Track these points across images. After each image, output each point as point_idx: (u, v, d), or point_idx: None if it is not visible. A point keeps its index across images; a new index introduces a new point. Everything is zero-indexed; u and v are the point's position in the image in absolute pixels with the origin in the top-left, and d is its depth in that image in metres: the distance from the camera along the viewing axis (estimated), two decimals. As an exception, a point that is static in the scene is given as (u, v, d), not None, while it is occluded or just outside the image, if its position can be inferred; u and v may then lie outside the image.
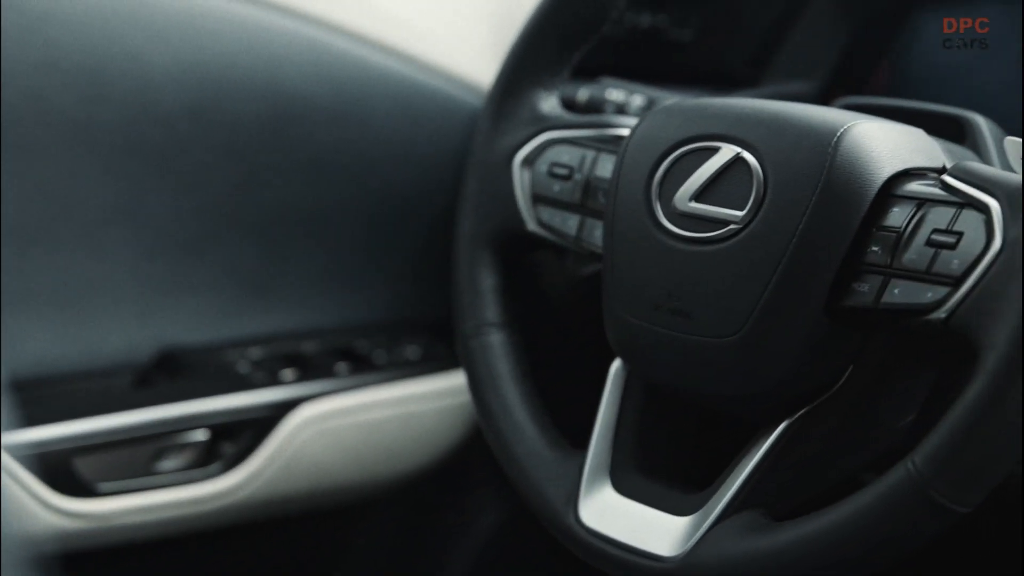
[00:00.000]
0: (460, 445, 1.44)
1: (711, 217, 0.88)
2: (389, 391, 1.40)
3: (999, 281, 0.75)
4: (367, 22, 1.38)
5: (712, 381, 0.90)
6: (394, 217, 1.41)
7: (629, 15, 1.39)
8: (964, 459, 0.74)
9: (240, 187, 1.33)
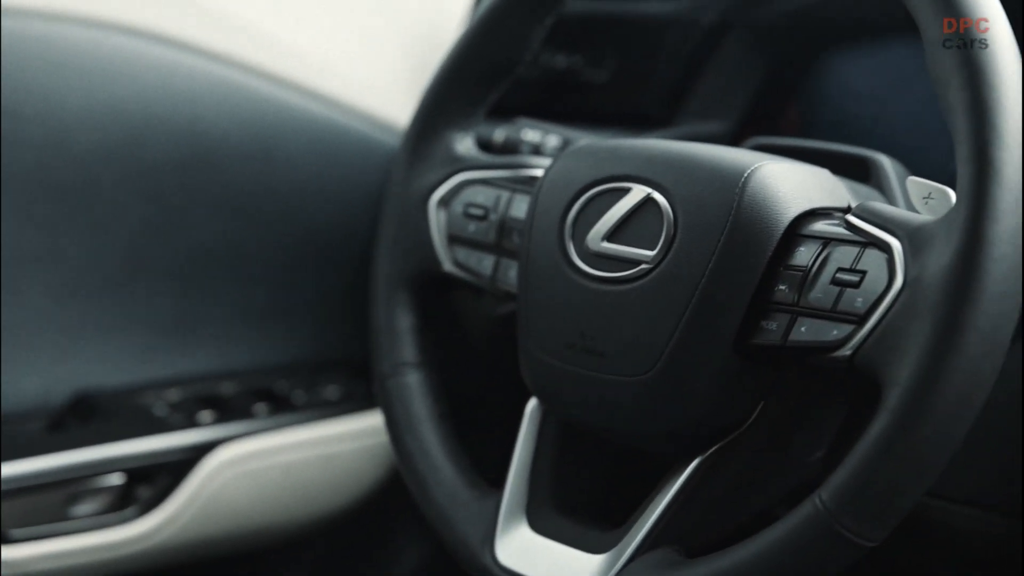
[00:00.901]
0: (380, 485, 1.44)
1: (623, 257, 0.90)
2: (308, 432, 1.39)
3: (901, 319, 0.77)
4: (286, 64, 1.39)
5: (625, 419, 0.90)
6: (313, 257, 1.41)
7: (545, 56, 1.41)
8: (869, 494, 0.75)
9: (156, 228, 1.33)
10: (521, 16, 1.05)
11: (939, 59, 0.77)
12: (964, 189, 0.74)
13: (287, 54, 1.40)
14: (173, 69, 1.31)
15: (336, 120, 1.39)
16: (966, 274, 0.73)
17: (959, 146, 0.76)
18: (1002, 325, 0.74)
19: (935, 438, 0.74)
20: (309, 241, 1.40)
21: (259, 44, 1.37)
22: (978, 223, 0.73)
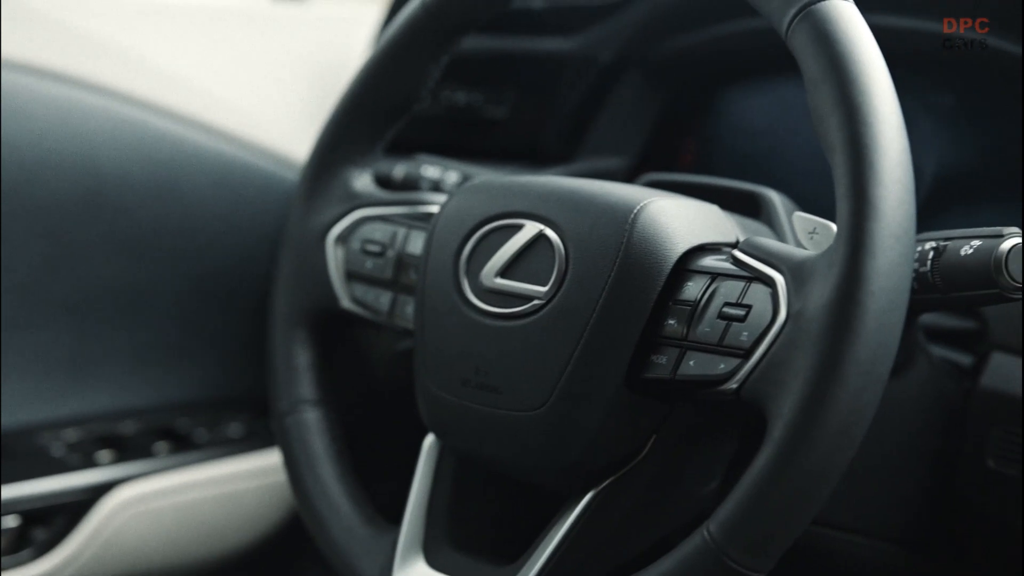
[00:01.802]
0: (283, 523, 1.43)
1: (516, 293, 0.90)
2: (210, 470, 1.38)
3: (784, 352, 0.78)
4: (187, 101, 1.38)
5: (520, 454, 0.91)
6: (214, 294, 1.40)
7: (445, 93, 1.42)
8: (754, 526, 0.77)
9: (54, 266, 1.31)
10: (417, 54, 1.05)
11: (818, 97, 0.79)
12: (843, 225, 0.76)
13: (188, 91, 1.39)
14: (70, 106, 1.30)
15: (238, 156, 1.39)
16: (846, 308, 0.74)
17: (838, 183, 0.77)
18: (881, 358, 0.75)
19: (818, 469, 0.75)
20: (211, 278, 1.39)
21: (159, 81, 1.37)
22: (856, 258, 0.75)
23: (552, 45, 1.37)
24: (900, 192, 0.76)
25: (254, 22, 1.53)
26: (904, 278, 0.76)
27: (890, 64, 0.80)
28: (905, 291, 0.76)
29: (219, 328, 1.42)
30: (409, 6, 1.06)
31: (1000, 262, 0.83)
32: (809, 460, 0.75)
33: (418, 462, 1.00)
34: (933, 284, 0.87)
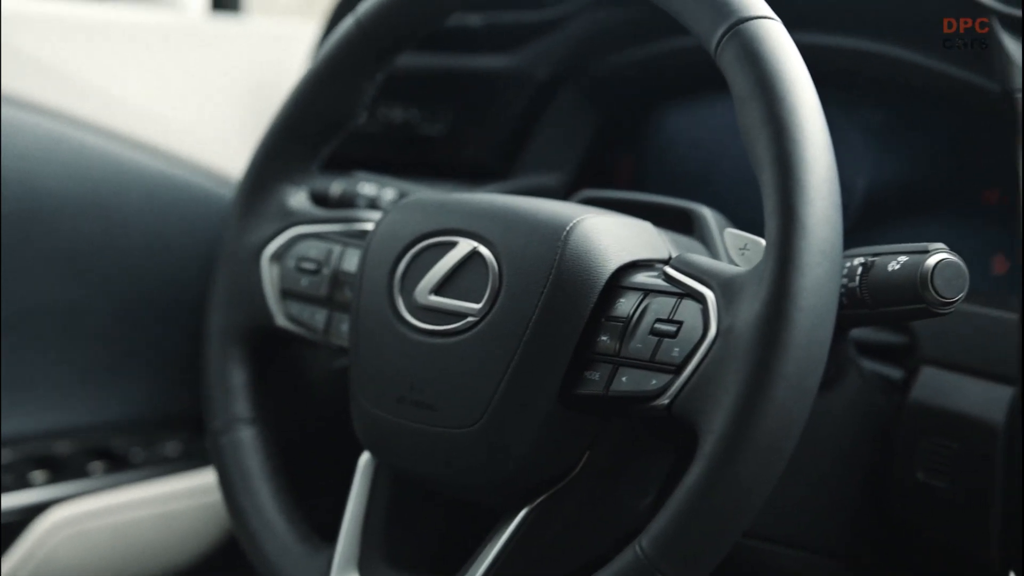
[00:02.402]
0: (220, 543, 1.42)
1: (450, 310, 0.91)
2: (146, 490, 1.37)
3: (714, 368, 0.79)
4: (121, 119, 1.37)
5: (454, 470, 0.91)
6: (150, 311, 1.39)
7: (382, 110, 1.42)
8: (686, 540, 0.77)
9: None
10: (352, 72, 1.06)
11: (747, 115, 0.80)
12: (771, 242, 0.77)
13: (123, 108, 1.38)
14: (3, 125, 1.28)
15: (173, 174, 1.38)
16: (774, 324, 0.75)
17: (767, 200, 0.78)
18: (810, 372, 0.76)
19: (747, 483, 0.76)
20: (146, 295, 1.38)
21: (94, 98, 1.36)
22: (784, 275, 0.76)
23: (489, 62, 1.37)
24: (827, 209, 0.77)
25: (190, 38, 1.53)
26: (831, 294, 0.77)
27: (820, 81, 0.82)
28: (832, 307, 0.77)
29: (156, 346, 1.41)
30: (344, 24, 1.06)
31: (926, 278, 0.84)
32: (739, 474, 0.75)
33: (353, 480, 1.00)
34: (862, 299, 0.89)
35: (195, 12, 1.68)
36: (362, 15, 1.04)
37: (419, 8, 1.02)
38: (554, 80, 1.35)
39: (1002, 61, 0.99)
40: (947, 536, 1.00)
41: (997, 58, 0.99)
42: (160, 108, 1.42)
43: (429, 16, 1.03)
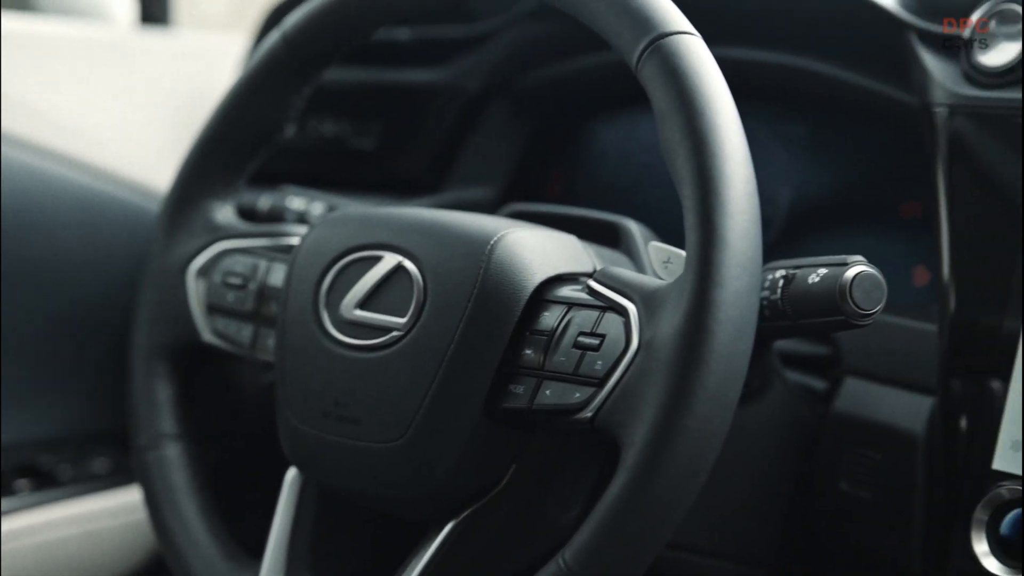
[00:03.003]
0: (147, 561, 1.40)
1: (375, 324, 0.91)
2: (73, 508, 1.35)
3: (636, 381, 0.79)
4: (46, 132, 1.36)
5: (380, 485, 0.91)
6: (76, 327, 1.37)
7: (312, 124, 1.42)
8: (608, 553, 0.77)
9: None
10: (277, 86, 1.05)
11: (667, 130, 0.81)
12: (692, 255, 0.78)
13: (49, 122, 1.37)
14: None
15: (100, 188, 1.37)
16: (694, 337, 0.76)
17: (687, 214, 0.79)
18: (730, 385, 0.77)
19: (669, 495, 0.76)
20: (73, 310, 1.36)
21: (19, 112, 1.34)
22: (704, 288, 0.76)
23: (418, 76, 1.37)
24: (746, 223, 0.78)
25: (118, 52, 1.51)
26: (751, 306, 0.77)
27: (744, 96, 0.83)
28: (752, 319, 0.78)
29: (83, 362, 1.39)
30: (270, 38, 1.06)
31: (844, 290, 0.85)
32: (660, 487, 0.76)
33: (279, 495, 0.99)
34: (783, 312, 0.90)
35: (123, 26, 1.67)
36: (288, 29, 1.04)
37: (344, 22, 1.02)
38: (483, 94, 1.35)
39: (920, 75, 1.00)
40: (871, 545, 1.01)
41: (915, 72, 1.01)
42: (87, 122, 1.41)
43: (355, 30, 1.03)
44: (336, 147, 1.41)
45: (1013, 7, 0.96)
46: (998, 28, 0.97)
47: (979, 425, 0.92)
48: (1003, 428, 0.90)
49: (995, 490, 0.89)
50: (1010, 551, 0.88)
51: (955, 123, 0.97)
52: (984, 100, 0.96)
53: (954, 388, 0.94)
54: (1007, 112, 0.95)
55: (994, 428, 0.91)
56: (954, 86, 0.98)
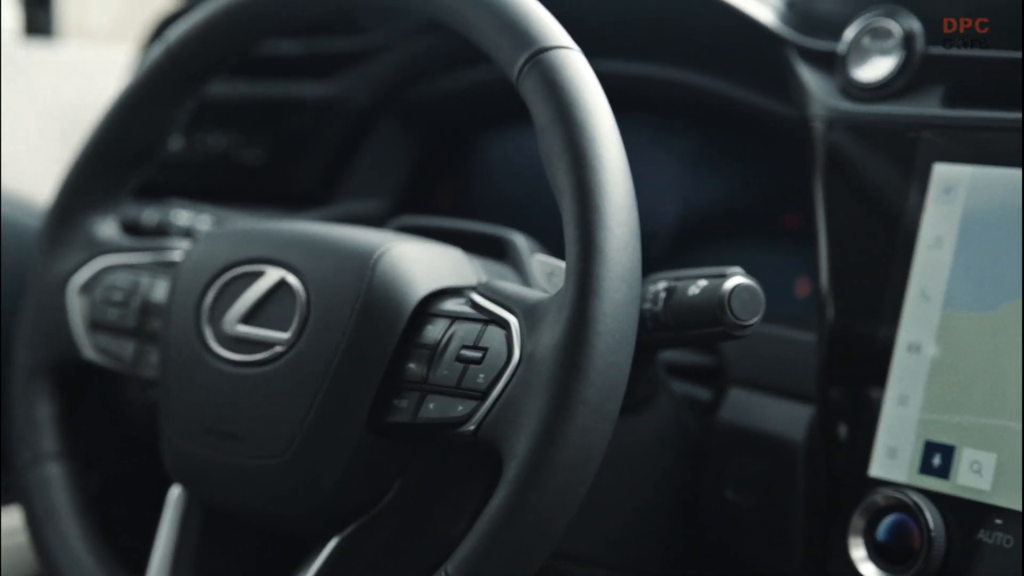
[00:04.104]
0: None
1: (258, 340, 0.90)
2: (-46, 530, 1.32)
3: (517, 393, 0.79)
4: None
5: (264, 501, 0.90)
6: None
7: (200, 137, 1.41)
8: (490, 566, 0.77)
9: None
10: (160, 99, 1.04)
11: (547, 143, 0.81)
12: (571, 268, 0.78)
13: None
14: None
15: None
16: (574, 349, 0.76)
17: (567, 227, 0.79)
18: (610, 397, 0.77)
19: (550, 508, 0.76)
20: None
21: None
22: (584, 300, 0.77)
23: (306, 90, 1.37)
24: (625, 235, 0.78)
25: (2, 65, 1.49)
26: (630, 318, 0.78)
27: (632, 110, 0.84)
28: (632, 331, 0.78)
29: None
30: (153, 50, 1.04)
31: (723, 301, 0.87)
32: (541, 499, 0.76)
33: (163, 514, 0.98)
34: (665, 323, 0.91)
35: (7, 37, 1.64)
36: (172, 41, 1.03)
37: (228, 34, 1.01)
38: (373, 108, 1.35)
39: (798, 90, 1.02)
40: (754, 552, 1.03)
41: (794, 87, 1.03)
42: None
43: (238, 42, 1.02)
44: (225, 161, 1.40)
45: (886, 23, 0.98)
46: (872, 44, 0.99)
47: (857, 432, 0.93)
48: (879, 435, 0.92)
49: (871, 496, 0.91)
50: (887, 556, 0.90)
51: (832, 136, 0.98)
52: (860, 114, 0.98)
53: (833, 396, 0.96)
54: (882, 125, 0.97)
55: (871, 435, 0.92)
56: (831, 100, 1.00)
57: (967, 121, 0.93)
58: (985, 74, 0.95)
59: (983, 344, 0.89)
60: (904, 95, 0.97)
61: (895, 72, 0.97)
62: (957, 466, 0.88)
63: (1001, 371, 0.88)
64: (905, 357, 0.92)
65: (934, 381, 0.90)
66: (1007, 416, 0.87)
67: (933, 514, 0.88)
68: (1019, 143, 0.90)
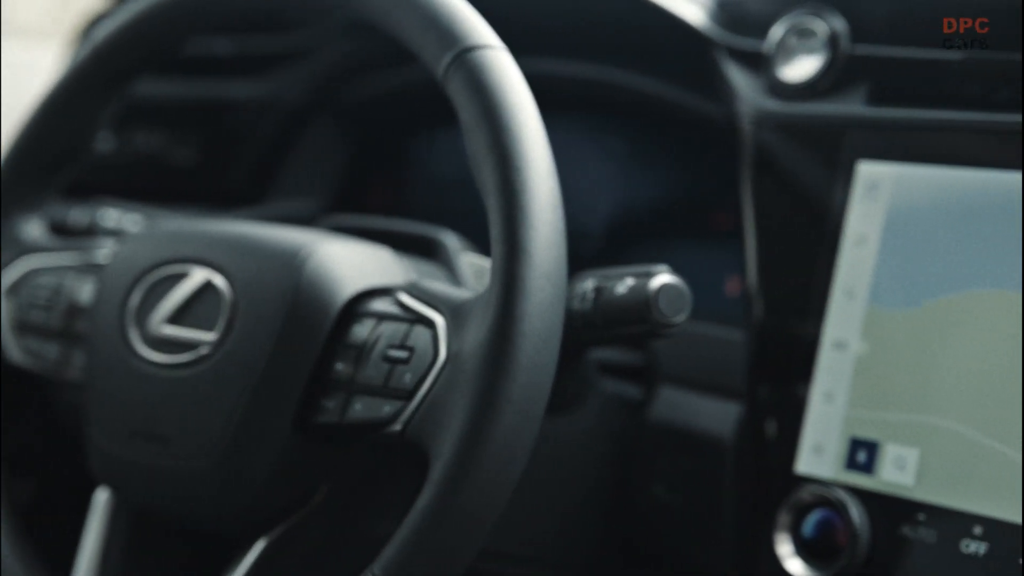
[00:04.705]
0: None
1: (183, 341, 0.89)
2: None
3: (444, 393, 0.79)
4: None
5: (191, 503, 0.90)
6: None
7: (131, 137, 1.40)
8: (417, 566, 0.77)
9: None
10: (85, 98, 1.03)
11: (473, 143, 0.81)
12: (496, 267, 0.78)
13: None
14: None
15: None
16: (499, 349, 0.76)
17: (492, 226, 0.79)
18: (536, 395, 0.77)
19: (476, 507, 0.76)
20: None
21: None
22: (508, 300, 0.77)
23: (238, 90, 1.36)
24: (550, 234, 0.78)
25: None
26: (555, 317, 0.78)
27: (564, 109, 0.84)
28: (557, 330, 0.78)
29: None
30: (79, 50, 1.03)
31: (650, 300, 0.87)
32: (467, 498, 0.76)
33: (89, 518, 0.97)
34: (594, 322, 0.91)
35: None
36: (98, 40, 1.02)
37: (154, 33, 1.00)
38: (306, 107, 1.35)
39: (726, 89, 1.03)
40: (684, 550, 1.03)
41: (722, 86, 1.03)
42: None
43: (165, 42, 1.01)
44: (156, 161, 1.39)
45: (811, 23, 0.99)
46: (798, 43, 1.00)
47: (784, 429, 0.94)
48: (805, 432, 0.93)
49: (798, 493, 0.92)
50: (813, 552, 0.91)
51: (760, 135, 0.99)
52: (786, 113, 0.99)
53: (761, 394, 0.96)
54: (808, 124, 0.97)
55: (797, 432, 0.93)
56: (758, 99, 1.00)
57: (891, 120, 0.94)
58: (909, 73, 0.95)
59: (907, 341, 0.90)
60: (830, 94, 0.98)
61: (820, 71, 0.98)
62: (881, 462, 0.89)
63: (924, 367, 0.89)
64: (831, 354, 0.93)
65: (859, 378, 0.91)
66: (930, 412, 0.88)
67: (858, 510, 0.89)
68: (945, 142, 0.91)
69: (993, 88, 0.92)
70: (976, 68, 0.92)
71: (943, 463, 0.87)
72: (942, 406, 0.87)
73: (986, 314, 0.87)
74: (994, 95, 0.92)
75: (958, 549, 0.85)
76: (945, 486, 0.86)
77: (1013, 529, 0.83)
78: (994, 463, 0.84)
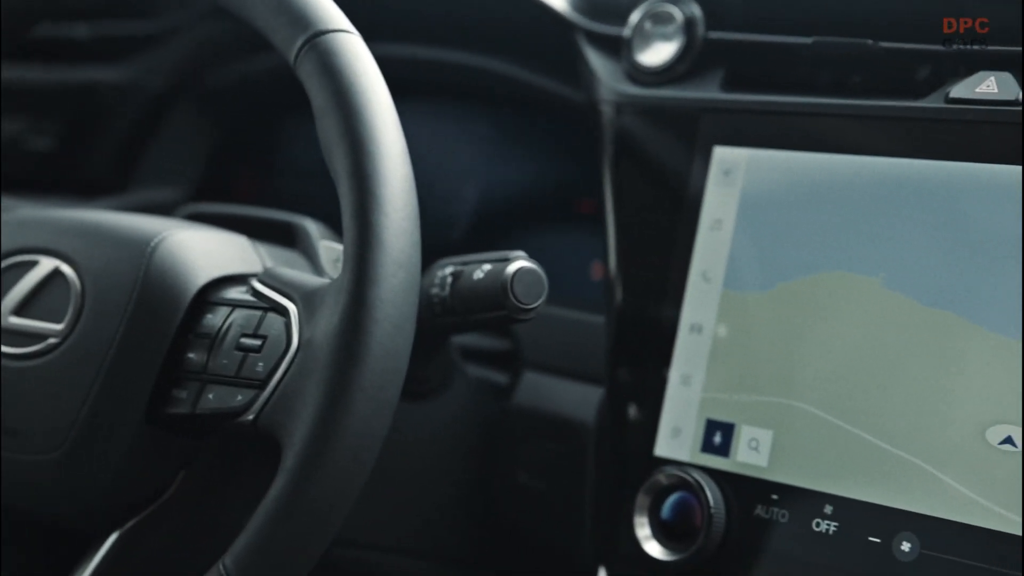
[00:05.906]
0: None
1: (31, 332, 0.87)
2: None
3: (296, 381, 0.78)
4: None
5: (41, 498, 0.88)
6: None
7: (-14, 123, 1.36)
8: (267, 556, 0.76)
9: None
10: None
11: (325, 128, 0.80)
12: (348, 254, 0.77)
13: None
14: None
15: None
16: (350, 335, 0.75)
17: (344, 212, 0.78)
18: (388, 383, 0.76)
19: (328, 496, 0.75)
20: None
21: None
22: (360, 286, 0.76)
23: (98, 74, 1.33)
24: (403, 221, 0.78)
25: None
26: (409, 304, 0.77)
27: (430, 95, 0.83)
28: (410, 317, 0.78)
29: None
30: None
31: (506, 285, 0.87)
32: (319, 487, 0.75)
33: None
34: (452, 308, 0.91)
35: None
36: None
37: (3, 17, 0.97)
38: (168, 93, 1.32)
39: (587, 74, 1.03)
40: (548, 535, 1.03)
41: (582, 71, 1.03)
42: None
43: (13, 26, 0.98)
44: (13, 147, 1.36)
45: (667, 9, 1.00)
46: (654, 28, 1.00)
47: (643, 413, 0.95)
48: (664, 415, 0.93)
49: (656, 476, 0.92)
50: (671, 534, 0.91)
51: (620, 120, 0.99)
52: (644, 97, 0.99)
53: (621, 378, 0.97)
54: (666, 109, 0.98)
55: (656, 415, 0.94)
56: (617, 84, 1.01)
57: (746, 105, 0.95)
58: (763, 59, 0.96)
59: (762, 323, 0.91)
60: (686, 79, 0.98)
61: (676, 56, 0.99)
62: (736, 444, 0.90)
63: (779, 350, 0.90)
64: (688, 338, 0.94)
65: (715, 361, 0.92)
66: (783, 394, 0.89)
67: (713, 491, 0.90)
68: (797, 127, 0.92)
69: (845, 74, 0.94)
70: (828, 54, 0.93)
71: (795, 444, 0.88)
72: (795, 388, 0.88)
73: (837, 296, 0.88)
74: (846, 81, 0.94)
75: (810, 528, 0.86)
76: (797, 467, 0.87)
77: (863, 507, 0.85)
78: (844, 443, 0.86)
